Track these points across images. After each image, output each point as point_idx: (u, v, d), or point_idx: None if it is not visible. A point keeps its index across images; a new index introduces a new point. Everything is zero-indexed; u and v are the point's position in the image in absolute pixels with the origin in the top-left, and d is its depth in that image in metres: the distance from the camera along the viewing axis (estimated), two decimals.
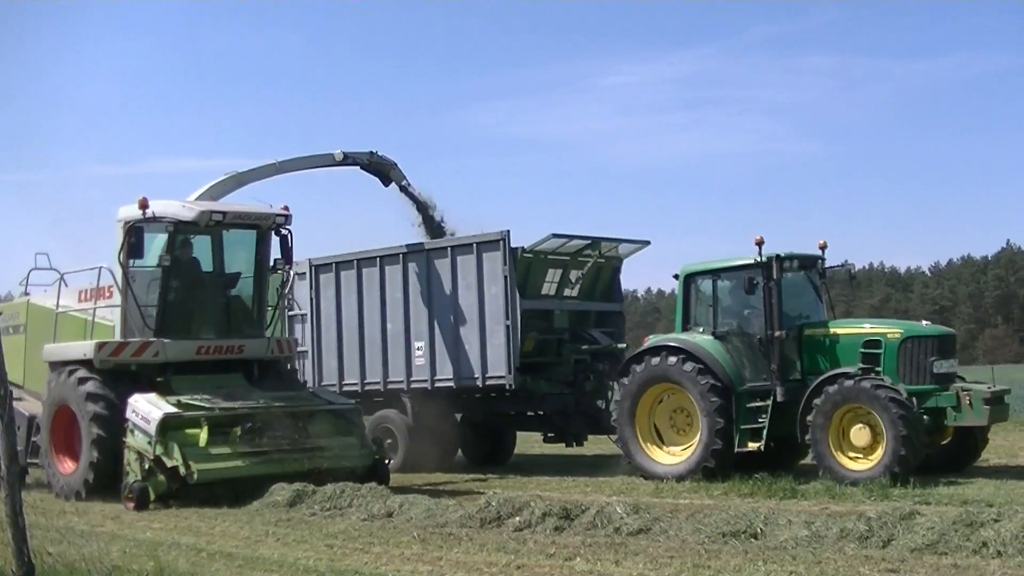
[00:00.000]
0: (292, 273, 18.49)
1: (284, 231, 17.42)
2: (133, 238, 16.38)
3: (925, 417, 16.01)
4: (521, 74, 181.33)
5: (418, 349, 20.46)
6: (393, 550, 11.04)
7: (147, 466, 15.37)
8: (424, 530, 12.16)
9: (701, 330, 17.99)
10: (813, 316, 17.95)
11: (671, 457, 17.83)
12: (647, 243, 21.03)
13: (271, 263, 17.62)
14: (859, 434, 15.98)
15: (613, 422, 18.41)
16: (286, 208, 17.42)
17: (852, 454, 16.14)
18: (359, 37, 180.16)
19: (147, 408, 15.60)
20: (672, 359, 17.59)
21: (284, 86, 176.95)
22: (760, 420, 17.08)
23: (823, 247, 18.29)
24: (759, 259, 17.25)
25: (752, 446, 17.03)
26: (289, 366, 18.76)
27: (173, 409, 15.62)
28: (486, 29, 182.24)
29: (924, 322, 17.99)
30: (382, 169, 20.88)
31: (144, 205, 16.41)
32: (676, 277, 18.54)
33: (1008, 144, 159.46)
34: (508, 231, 19.40)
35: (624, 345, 20.87)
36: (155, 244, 17.07)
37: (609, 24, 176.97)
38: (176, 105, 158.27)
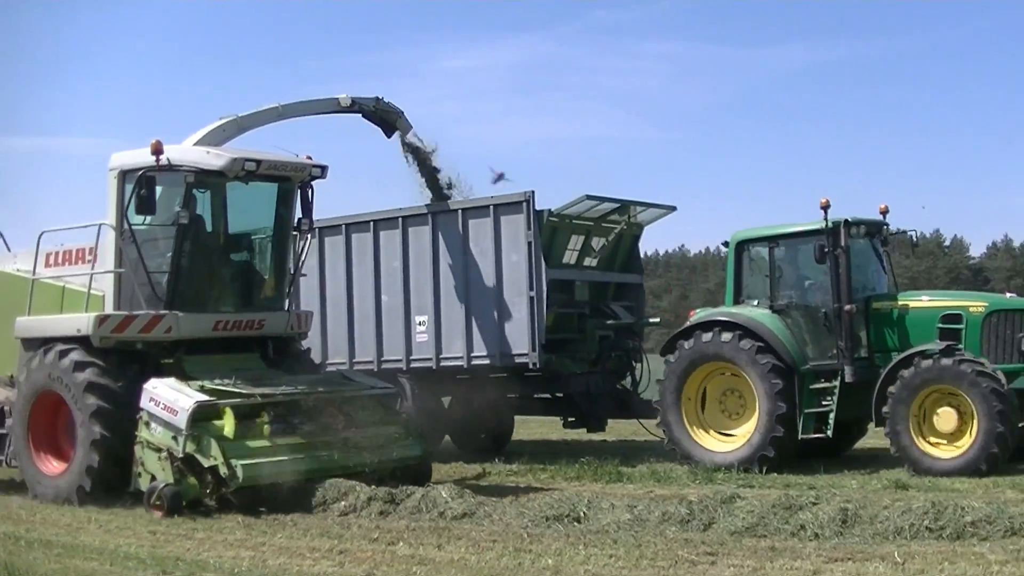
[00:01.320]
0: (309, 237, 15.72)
1: (310, 187, 14.85)
2: (144, 189, 13.38)
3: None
4: (358, 59, 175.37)
5: (420, 324, 18.05)
6: (216, 536, 11.00)
7: (176, 466, 12.64)
8: (248, 515, 12.05)
9: (756, 303, 16.41)
10: (878, 288, 16.51)
11: (722, 444, 16.21)
12: (673, 208, 19.10)
13: (295, 223, 14.99)
14: (944, 418, 14.57)
15: (656, 404, 16.64)
16: (310, 158, 14.87)
17: (934, 440, 14.72)
18: (200, 19, 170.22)
19: (172, 396, 12.72)
20: (726, 335, 15.99)
21: (115, 66, 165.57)
22: (825, 403, 15.64)
23: (884, 212, 16.87)
24: (826, 224, 15.68)
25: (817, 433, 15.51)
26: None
27: (204, 397, 12.83)
28: (323, 12, 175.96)
29: (1009, 294, 16.77)
30: (388, 117, 18.20)
31: (158, 150, 13.48)
32: (726, 245, 16.86)
33: (843, 133, 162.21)
34: (533, 192, 17.16)
35: (658, 320, 19.04)
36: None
37: (445, 8, 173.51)
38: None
